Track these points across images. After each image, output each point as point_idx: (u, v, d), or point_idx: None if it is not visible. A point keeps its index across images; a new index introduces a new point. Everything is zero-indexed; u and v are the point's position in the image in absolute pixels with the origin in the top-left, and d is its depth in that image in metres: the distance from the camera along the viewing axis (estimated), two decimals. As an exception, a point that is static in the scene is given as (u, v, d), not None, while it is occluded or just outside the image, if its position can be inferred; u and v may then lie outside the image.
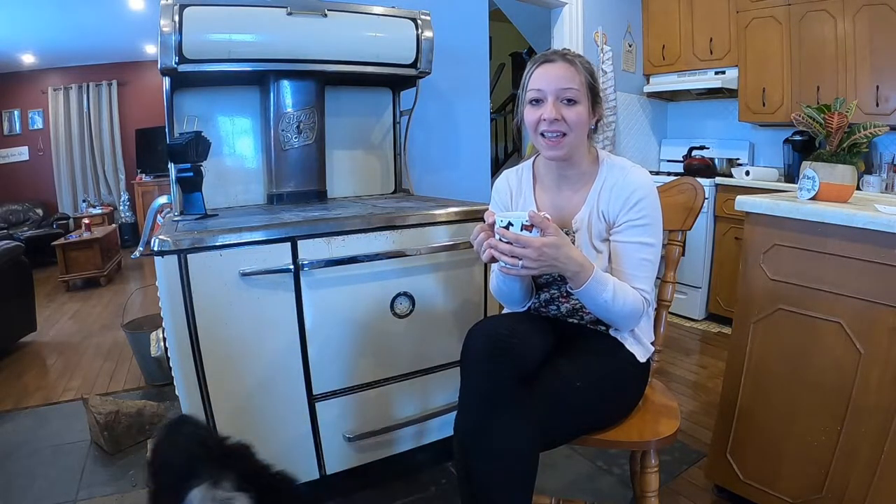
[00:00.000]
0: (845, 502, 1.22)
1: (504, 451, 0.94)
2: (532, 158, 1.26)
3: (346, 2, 1.73)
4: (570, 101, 1.06)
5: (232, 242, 1.28)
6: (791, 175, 2.93)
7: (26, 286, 3.06)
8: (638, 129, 3.64)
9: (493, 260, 1.00)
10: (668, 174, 3.22)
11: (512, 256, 0.97)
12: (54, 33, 4.99)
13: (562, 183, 1.18)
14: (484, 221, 1.02)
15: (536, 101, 1.08)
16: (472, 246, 1.04)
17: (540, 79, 1.08)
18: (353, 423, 1.50)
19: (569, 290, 1.07)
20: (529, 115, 1.10)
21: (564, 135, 1.07)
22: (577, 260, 1.00)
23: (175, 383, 1.34)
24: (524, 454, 0.96)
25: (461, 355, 1.05)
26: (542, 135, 1.08)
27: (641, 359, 1.15)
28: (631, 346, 1.15)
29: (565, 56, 1.09)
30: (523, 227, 0.97)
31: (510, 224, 0.97)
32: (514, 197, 1.25)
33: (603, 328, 1.17)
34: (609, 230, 1.13)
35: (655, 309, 1.27)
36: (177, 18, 1.42)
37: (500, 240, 0.98)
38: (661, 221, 1.12)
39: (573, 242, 1.14)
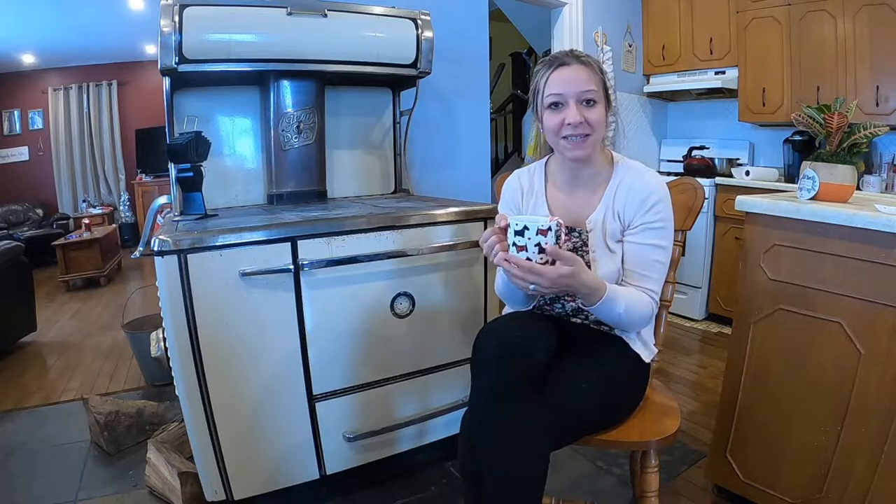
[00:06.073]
0: (845, 502, 1.22)
1: (518, 451, 0.94)
2: (544, 159, 1.26)
3: (346, 2, 1.73)
4: (590, 102, 1.07)
5: (232, 242, 1.28)
6: (791, 175, 2.92)
7: (26, 286, 3.05)
8: (638, 129, 3.64)
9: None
10: (669, 174, 3.21)
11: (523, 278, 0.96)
12: (54, 33, 4.98)
13: (575, 183, 1.19)
14: (494, 223, 1.01)
15: (556, 105, 1.08)
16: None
17: (558, 83, 1.07)
18: (354, 423, 1.50)
19: (581, 305, 1.07)
20: (550, 119, 1.09)
21: (588, 136, 1.08)
22: (590, 284, 1.00)
23: (175, 383, 1.34)
24: (538, 455, 0.96)
25: (472, 356, 1.06)
26: (565, 137, 1.09)
27: (646, 359, 1.16)
28: (636, 347, 1.15)
29: (579, 58, 1.09)
30: (539, 232, 0.95)
31: (525, 228, 0.95)
32: (524, 196, 1.25)
33: (606, 328, 1.17)
34: (623, 231, 1.13)
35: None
36: (177, 18, 1.42)
37: (514, 244, 0.96)
38: (673, 226, 1.14)
39: (587, 242, 1.14)
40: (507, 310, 1.29)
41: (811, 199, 1.31)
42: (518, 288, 1.01)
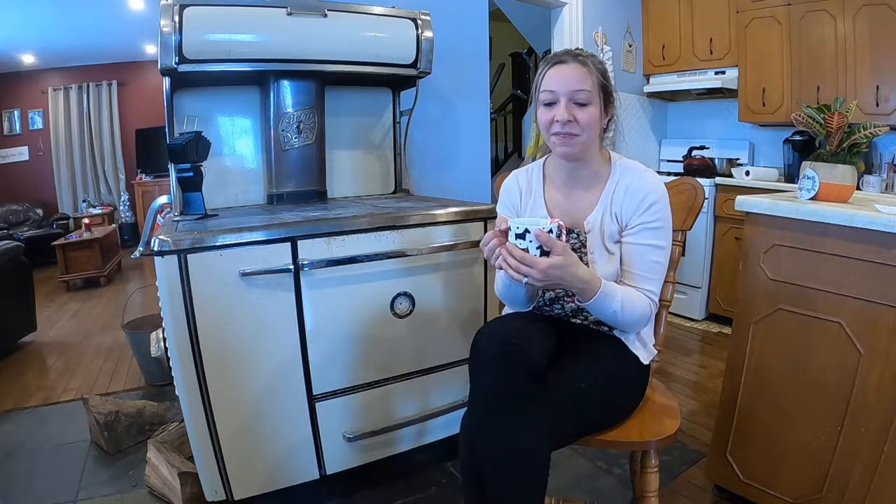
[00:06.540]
0: (845, 502, 1.22)
1: (519, 451, 0.94)
2: (543, 159, 1.26)
3: (346, 2, 1.73)
4: (583, 102, 1.07)
5: (232, 242, 1.28)
6: (791, 175, 2.92)
7: (26, 286, 3.05)
8: (638, 129, 3.64)
9: None
10: (668, 174, 3.21)
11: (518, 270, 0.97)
12: (54, 33, 4.98)
13: (573, 183, 1.19)
14: (494, 227, 1.02)
15: (549, 102, 1.09)
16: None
17: (552, 80, 1.08)
18: (353, 423, 1.50)
19: (577, 302, 1.08)
20: (542, 115, 1.10)
21: (576, 135, 1.08)
22: (583, 278, 1.00)
23: (175, 383, 1.34)
24: (538, 454, 0.96)
25: (470, 356, 1.06)
26: (555, 134, 1.09)
27: (645, 361, 1.16)
28: (635, 348, 1.15)
29: (577, 57, 1.09)
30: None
31: (527, 230, 0.96)
32: (523, 196, 1.25)
33: (606, 328, 1.17)
34: (621, 232, 1.13)
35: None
36: (177, 18, 1.42)
37: (515, 247, 0.97)
38: (672, 226, 1.13)
39: (585, 244, 1.14)
40: (506, 310, 1.29)
41: (811, 199, 1.31)
42: (513, 280, 1.01)
